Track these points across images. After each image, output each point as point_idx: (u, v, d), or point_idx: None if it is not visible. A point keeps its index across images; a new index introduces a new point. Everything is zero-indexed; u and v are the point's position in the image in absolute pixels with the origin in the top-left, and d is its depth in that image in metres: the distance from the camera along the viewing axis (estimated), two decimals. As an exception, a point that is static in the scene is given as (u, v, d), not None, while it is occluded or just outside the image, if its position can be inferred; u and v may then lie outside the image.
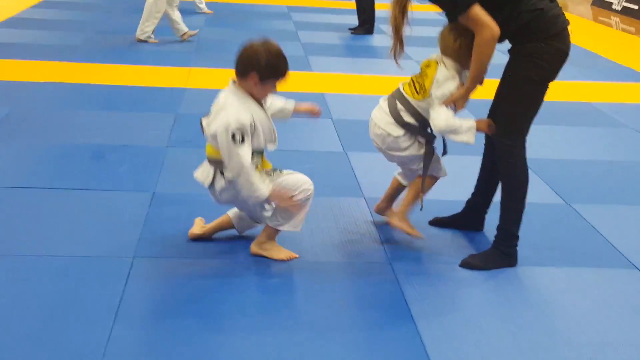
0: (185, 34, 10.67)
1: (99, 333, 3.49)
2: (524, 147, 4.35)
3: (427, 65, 4.37)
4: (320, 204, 5.11)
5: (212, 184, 4.21)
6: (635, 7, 15.32)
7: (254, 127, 4.07)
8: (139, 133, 6.43)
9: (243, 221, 4.53)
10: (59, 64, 8.83)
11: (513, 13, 4.09)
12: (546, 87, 4.26)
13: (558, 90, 8.70)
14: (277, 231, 4.35)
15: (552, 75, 4.23)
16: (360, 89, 8.30)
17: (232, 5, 14.31)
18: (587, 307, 3.98)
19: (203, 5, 13.41)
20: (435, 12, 12.48)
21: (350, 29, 12.10)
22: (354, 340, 3.57)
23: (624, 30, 14.06)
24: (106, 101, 7.39)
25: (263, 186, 4.08)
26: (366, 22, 11.92)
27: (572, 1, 19.26)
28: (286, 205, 4.22)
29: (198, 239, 4.50)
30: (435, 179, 4.60)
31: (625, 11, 15.63)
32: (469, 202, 4.87)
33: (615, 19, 15.44)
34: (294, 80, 8.58)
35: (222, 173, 4.17)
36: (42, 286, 3.88)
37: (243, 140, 3.99)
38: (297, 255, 4.38)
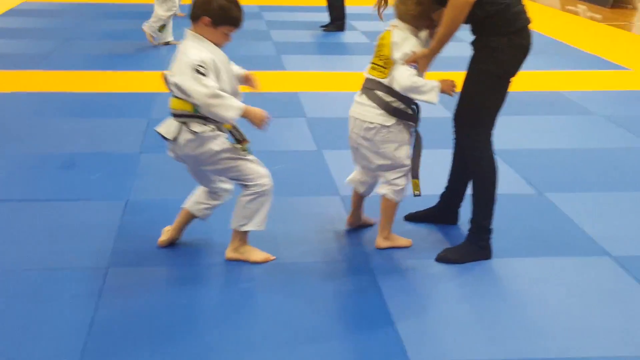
0: (168, 42, 10.63)
1: (73, 346, 3.48)
2: (490, 141, 4.39)
3: (381, 39, 4.38)
4: (295, 204, 5.14)
5: (176, 138, 4.15)
6: (602, -6, 15.44)
7: (217, 68, 4.06)
8: (112, 140, 6.42)
9: (201, 205, 4.47)
10: (29, 72, 8.80)
11: (480, 0, 4.11)
12: (508, 81, 4.30)
13: (528, 80, 8.77)
14: (246, 233, 4.35)
15: (514, 70, 4.28)
16: (334, 86, 8.32)
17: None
18: (561, 296, 4.02)
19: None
20: None
21: (321, 26, 12.12)
22: (332, 339, 3.59)
23: (591, 18, 14.15)
24: (78, 109, 7.37)
25: (237, 103, 4.03)
26: (337, 19, 11.94)
27: (540, -10, 19.36)
28: (258, 126, 4.16)
29: (169, 244, 4.50)
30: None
31: (592, -1, 15.75)
32: (442, 196, 4.90)
33: (582, 7, 15.53)
34: (267, 79, 8.65)
35: (187, 126, 4.12)
36: (14, 301, 3.86)
37: (206, 75, 3.97)
38: (274, 257, 4.40)
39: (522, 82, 8.62)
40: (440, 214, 4.90)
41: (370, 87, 4.40)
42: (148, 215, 4.91)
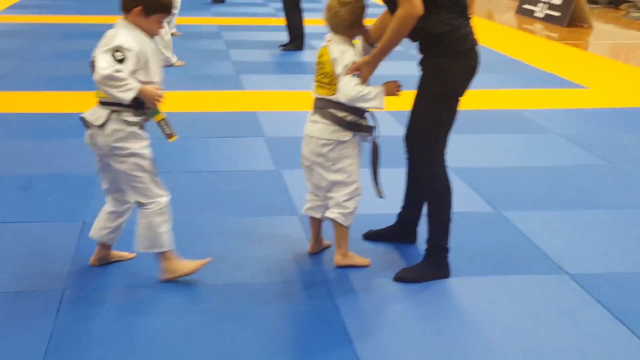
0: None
1: (32, 368, 3.45)
2: (443, 160, 4.41)
3: (320, 56, 4.41)
4: (254, 224, 5.12)
5: (104, 125, 4.13)
6: (557, 14, 15.60)
7: (145, 58, 4.05)
8: (69, 161, 6.36)
9: (103, 231, 4.42)
10: (-16, 93, 8.72)
11: (430, 20, 4.15)
12: (457, 101, 4.33)
13: (485, 99, 8.84)
14: (165, 252, 4.30)
15: (462, 90, 4.31)
16: (293, 106, 8.32)
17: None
18: (518, 314, 4.04)
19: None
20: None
21: (280, 45, 12.14)
22: (290, 360, 3.59)
23: (547, 37, 14.31)
24: (34, 130, 7.31)
25: (134, 83, 3.97)
26: (296, 38, 11.97)
27: (497, 10, 19.56)
28: (152, 104, 4.11)
29: (100, 264, 4.49)
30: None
31: (547, 18, 15.91)
32: (399, 215, 4.92)
33: (538, 25, 15.70)
34: (226, 99, 8.63)
35: (118, 115, 4.12)
36: (-29, 323, 3.82)
37: (122, 61, 3.94)
38: (208, 259, 4.38)
39: (479, 100, 8.74)
40: (398, 233, 4.91)
41: (321, 106, 4.43)
42: (105, 237, 4.86)
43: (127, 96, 3.97)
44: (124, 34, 4.06)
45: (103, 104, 4.17)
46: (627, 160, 6.60)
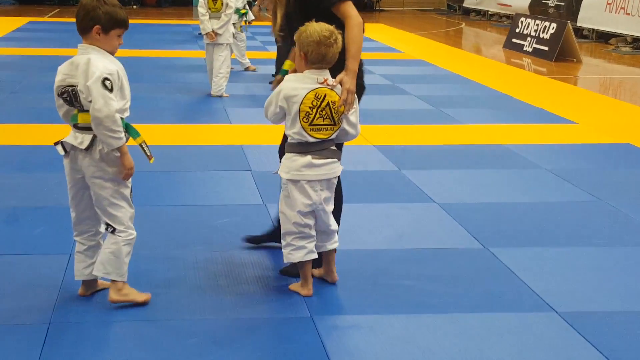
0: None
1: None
2: None
3: (321, 98, 4.37)
4: (240, 257, 5.10)
5: (89, 148, 4.20)
6: (546, 48, 15.70)
7: (120, 79, 4.17)
8: (55, 193, 6.32)
9: (86, 270, 4.43)
10: (-29, 125, 8.68)
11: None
12: None
13: (473, 134, 8.86)
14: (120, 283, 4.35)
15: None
16: (279, 140, 8.28)
17: (149, 59, 14.22)
18: (507, 353, 4.00)
19: (246, 61, 13.35)
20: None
21: (270, 82, 12.16)
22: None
23: (535, 71, 14.38)
24: (21, 162, 7.28)
25: (123, 138, 4.16)
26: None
27: (485, 44, 19.68)
28: (122, 170, 4.23)
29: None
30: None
31: (536, 52, 16.00)
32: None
33: (527, 60, 15.79)
34: (212, 133, 8.62)
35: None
36: (-47, 359, 3.78)
37: (112, 89, 4.09)
38: (149, 296, 4.41)
39: (467, 135, 8.76)
40: (276, 234, 4.91)
41: (324, 147, 4.45)
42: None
43: (115, 144, 4.14)
44: (97, 58, 4.17)
45: (83, 129, 4.23)
46: (616, 196, 6.59)
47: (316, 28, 4.35)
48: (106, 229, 4.33)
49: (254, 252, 5.19)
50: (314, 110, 4.37)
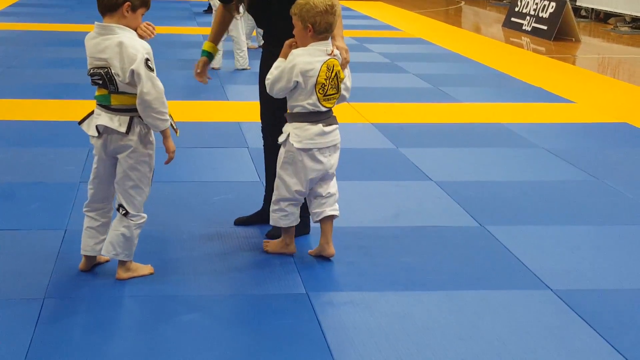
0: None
1: (8, 379, 3.41)
2: None
3: (330, 69, 4.50)
4: (236, 233, 5.09)
5: (128, 130, 4.20)
6: (545, 27, 15.65)
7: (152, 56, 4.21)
8: (52, 169, 6.33)
9: (97, 246, 4.44)
10: (-32, 100, 8.66)
11: None
12: None
13: (471, 112, 8.84)
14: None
15: None
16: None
17: (147, 35, 14.19)
18: (503, 330, 4.00)
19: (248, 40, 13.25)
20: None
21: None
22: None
23: (534, 50, 14.33)
24: (18, 137, 7.26)
25: (169, 120, 4.24)
26: None
27: (484, 23, 19.62)
28: (169, 154, 4.31)
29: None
30: None
31: (535, 32, 15.95)
32: (265, 199, 5.25)
33: (525, 39, 15.74)
34: (210, 109, 8.60)
35: (140, 119, 4.22)
36: (-52, 333, 3.78)
37: (154, 69, 4.15)
38: (152, 268, 4.49)
39: (465, 114, 8.74)
40: (265, 214, 5.06)
41: (329, 115, 4.61)
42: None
43: (162, 126, 4.18)
44: (129, 38, 4.15)
45: (118, 110, 4.21)
46: (613, 175, 6.59)
47: None
48: (118, 210, 4.33)
49: (250, 229, 5.19)
50: (327, 82, 4.50)
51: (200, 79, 5.22)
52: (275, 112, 4.88)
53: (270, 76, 4.54)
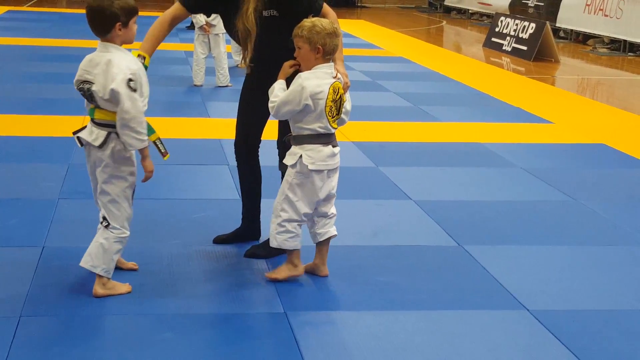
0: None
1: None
2: None
3: (336, 92, 4.55)
4: (215, 251, 5.10)
5: (102, 145, 4.26)
6: (524, 48, 15.76)
7: (140, 78, 4.26)
8: (30, 185, 6.31)
9: None
10: (-53, 114, 8.63)
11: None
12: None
13: (451, 132, 8.89)
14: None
15: None
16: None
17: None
18: (479, 350, 4.02)
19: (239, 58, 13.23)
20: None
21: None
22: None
23: (514, 70, 14.43)
24: (-4, 152, 7.25)
25: (146, 141, 4.28)
26: None
27: (465, 43, 19.74)
28: (147, 173, 4.37)
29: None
30: None
31: (515, 52, 16.06)
32: (243, 217, 5.31)
33: (506, 59, 15.85)
34: (191, 126, 8.61)
35: (117, 135, 4.26)
36: None
37: (136, 89, 4.19)
38: (130, 287, 4.48)
39: (445, 133, 8.79)
40: (243, 233, 5.26)
41: (335, 136, 4.66)
42: (64, 262, 4.82)
43: (138, 146, 4.23)
44: (118, 57, 4.22)
45: (99, 124, 4.29)
46: (590, 196, 6.64)
47: (324, 21, 4.57)
48: (101, 222, 4.37)
49: (228, 248, 5.19)
50: (334, 104, 4.55)
51: None
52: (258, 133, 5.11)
53: (275, 99, 4.55)
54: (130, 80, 4.15)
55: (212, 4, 4.98)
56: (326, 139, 4.58)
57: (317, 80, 4.50)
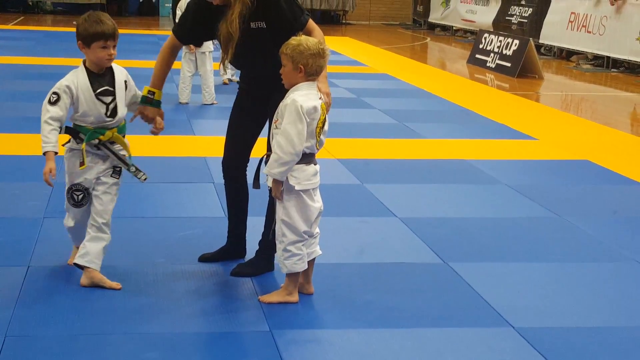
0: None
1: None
2: None
3: (323, 113, 4.56)
4: (201, 270, 5.09)
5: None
6: (508, 64, 15.84)
7: (73, 93, 4.66)
8: (14, 204, 6.30)
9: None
10: None
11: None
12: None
13: (435, 148, 8.92)
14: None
15: None
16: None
17: (114, 69, 14.13)
18: (464, 367, 4.04)
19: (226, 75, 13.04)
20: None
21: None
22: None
23: (498, 87, 14.50)
24: (-20, 171, 7.23)
25: (47, 147, 4.59)
26: None
27: (449, 59, 19.82)
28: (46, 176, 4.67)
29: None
30: None
31: (499, 68, 16.14)
32: (230, 235, 5.32)
33: (490, 76, 15.92)
34: (176, 144, 8.60)
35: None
36: None
37: (54, 102, 4.63)
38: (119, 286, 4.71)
39: (430, 150, 8.82)
40: (229, 251, 5.29)
41: (314, 156, 4.65)
42: (50, 282, 4.82)
43: (43, 149, 4.60)
44: (72, 72, 4.71)
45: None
46: (574, 212, 6.67)
47: (312, 41, 4.53)
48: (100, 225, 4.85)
49: (214, 266, 5.19)
50: (321, 123, 4.55)
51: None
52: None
53: (285, 137, 4.43)
54: (53, 93, 4.65)
55: (201, 34, 5.05)
56: (309, 158, 4.57)
57: (309, 100, 4.48)
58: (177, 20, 5.24)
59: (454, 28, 25.58)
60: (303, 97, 4.48)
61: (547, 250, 5.78)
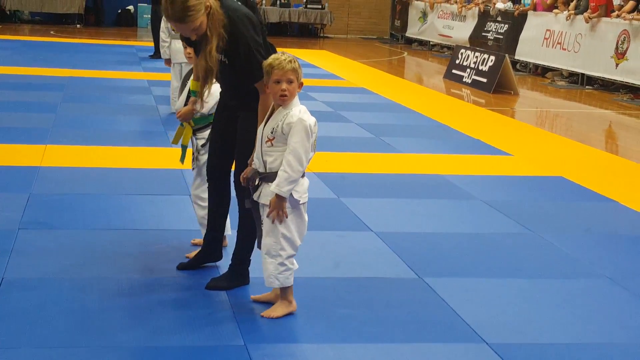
0: None
1: None
2: None
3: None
4: (176, 283, 5.10)
5: None
6: (484, 80, 15.93)
7: None
8: (-9, 214, 6.27)
9: None
10: None
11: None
12: None
13: (411, 163, 8.96)
14: None
15: None
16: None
17: (91, 80, 14.09)
18: (437, 382, 4.06)
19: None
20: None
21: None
22: None
23: (474, 102, 14.58)
24: (-44, 182, 7.19)
25: None
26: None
27: (425, 74, 19.91)
28: None
29: None
30: None
31: (475, 84, 16.22)
32: (206, 239, 5.38)
33: (466, 91, 16.01)
34: (152, 156, 8.60)
35: None
36: None
37: None
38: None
39: (406, 164, 8.85)
40: (205, 256, 5.36)
41: None
42: (25, 294, 4.80)
43: None
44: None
45: None
46: (548, 228, 6.72)
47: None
48: None
49: (191, 278, 5.20)
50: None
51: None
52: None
53: (295, 156, 4.52)
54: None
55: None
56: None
57: (311, 117, 4.59)
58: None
59: (430, 43, 25.69)
60: (306, 114, 4.57)
61: (521, 266, 5.82)
